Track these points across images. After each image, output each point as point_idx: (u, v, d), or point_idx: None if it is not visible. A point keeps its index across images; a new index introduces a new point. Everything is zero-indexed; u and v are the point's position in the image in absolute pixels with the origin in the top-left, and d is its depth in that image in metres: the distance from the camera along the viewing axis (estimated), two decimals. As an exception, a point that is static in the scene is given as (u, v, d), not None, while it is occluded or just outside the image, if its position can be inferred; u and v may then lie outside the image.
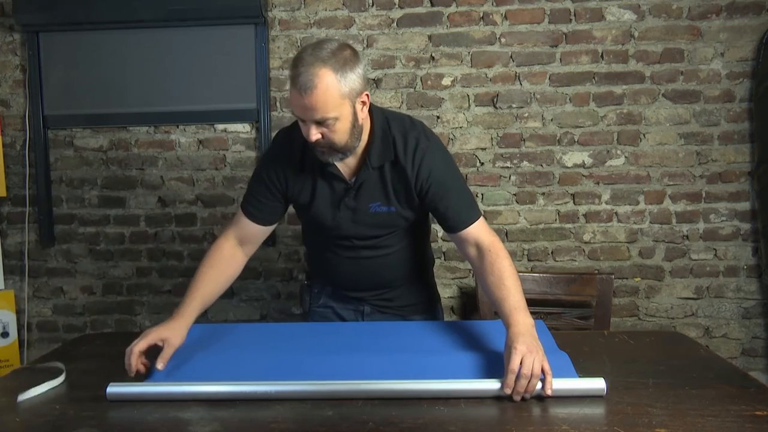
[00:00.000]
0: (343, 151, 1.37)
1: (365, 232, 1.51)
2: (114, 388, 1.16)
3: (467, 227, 1.44)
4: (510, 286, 1.33)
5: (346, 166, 1.45)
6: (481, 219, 1.46)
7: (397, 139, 1.43)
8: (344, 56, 1.28)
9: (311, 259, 1.71)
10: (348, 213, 1.48)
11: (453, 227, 1.46)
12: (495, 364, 1.23)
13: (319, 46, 1.29)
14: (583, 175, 2.49)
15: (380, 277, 1.60)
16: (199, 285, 1.40)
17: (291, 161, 1.47)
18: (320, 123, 1.29)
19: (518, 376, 1.11)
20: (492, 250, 1.40)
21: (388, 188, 1.46)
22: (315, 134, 1.31)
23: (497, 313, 1.34)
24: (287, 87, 2.51)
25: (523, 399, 1.12)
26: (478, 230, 1.45)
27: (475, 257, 1.44)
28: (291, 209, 1.57)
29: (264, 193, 1.49)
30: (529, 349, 1.14)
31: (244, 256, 1.52)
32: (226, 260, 1.47)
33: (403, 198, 1.47)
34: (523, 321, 1.24)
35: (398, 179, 1.45)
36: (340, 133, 1.33)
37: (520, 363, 1.12)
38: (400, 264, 1.60)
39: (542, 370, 1.12)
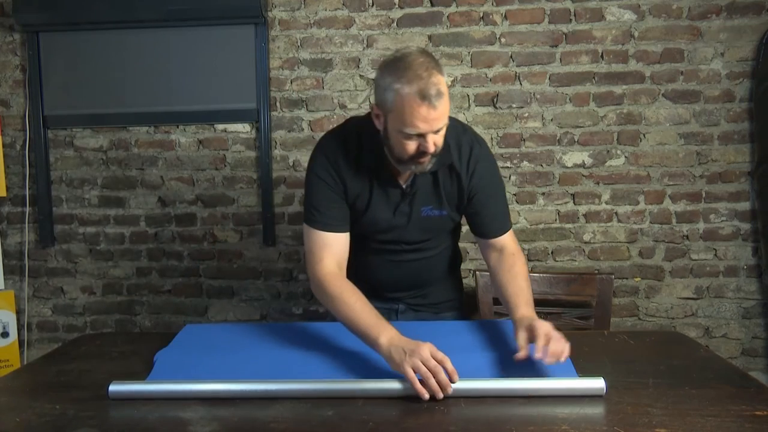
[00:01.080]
0: (439, 154, 1.36)
1: (415, 237, 1.51)
2: (116, 387, 1.16)
3: (500, 236, 1.50)
4: (524, 287, 1.40)
5: (400, 172, 1.43)
6: (511, 230, 1.53)
7: (451, 144, 1.42)
8: (436, 58, 1.29)
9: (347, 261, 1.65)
10: (403, 218, 1.47)
11: (486, 233, 1.51)
12: (501, 364, 1.24)
13: (412, 55, 1.26)
14: (583, 175, 2.49)
15: (420, 277, 1.61)
16: (366, 307, 1.30)
17: (347, 168, 1.43)
18: (437, 131, 1.28)
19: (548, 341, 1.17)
20: (515, 255, 1.49)
21: (441, 192, 1.46)
22: (433, 145, 1.29)
23: (502, 300, 1.42)
24: (287, 87, 2.52)
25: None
26: (508, 240, 1.51)
27: (496, 258, 1.50)
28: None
29: (332, 196, 1.43)
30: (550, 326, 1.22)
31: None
32: (351, 284, 1.38)
33: (454, 202, 1.48)
34: (533, 315, 1.32)
35: (451, 184, 1.46)
36: (443, 137, 1.33)
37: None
38: (439, 264, 1.62)
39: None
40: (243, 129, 2.56)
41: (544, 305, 2.09)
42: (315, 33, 2.50)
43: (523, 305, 1.34)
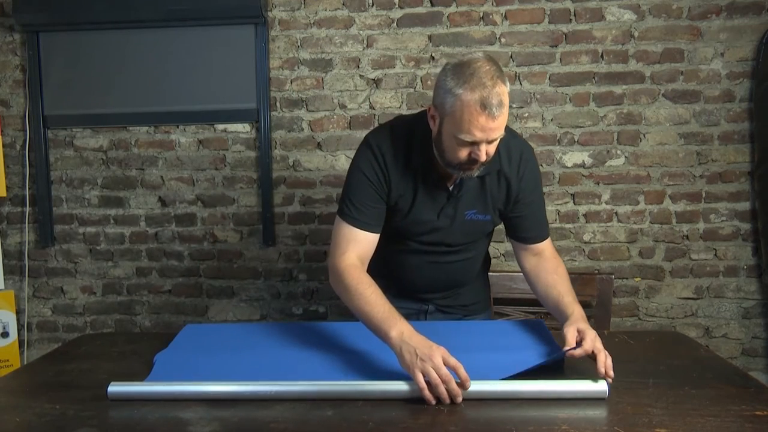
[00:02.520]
0: (488, 162, 1.35)
1: (457, 239, 1.51)
2: (115, 387, 1.16)
3: (540, 243, 1.51)
4: (571, 288, 1.42)
5: (447, 174, 1.42)
6: (549, 237, 1.54)
7: (501, 148, 1.40)
8: (501, 67, 1.28)
9: (380, 260, 1.55)
10: (447, 221, 1.47)
11: (527, 239, 1.52)
12: (502, 366, 1.24)
13: (478, 62, 1.25)
14: (583, 175, 2.49)
15: (455, 279, 1.60)
16: (380, 299, 1.28)
17: (394, 167, 1.42)
18: (492, 141, 1.28)
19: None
20: (557, 258, 1.51)
21: (487, 196, 1.46)
22: (485, 154, 1.28)
23: (547, 299, 1.44)
24: (287, 87, 2.52)
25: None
26: (547, 245, 1.53)
27: (535, 262, 1.51)
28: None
29: (373, 196, 1.42)
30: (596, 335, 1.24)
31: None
32: (369, 278, 1.35)
33: (501, 205, 1.48)
34: (584, 315, 1.34)
35: (499, 188, 1.46)
36: (496, 146, 1.32)
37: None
38: (474, 266, 1.63)
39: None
40: (243, 129, 2.56)
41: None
42: (315, 33, 2.50)
43: (575, 303, 1.36)
